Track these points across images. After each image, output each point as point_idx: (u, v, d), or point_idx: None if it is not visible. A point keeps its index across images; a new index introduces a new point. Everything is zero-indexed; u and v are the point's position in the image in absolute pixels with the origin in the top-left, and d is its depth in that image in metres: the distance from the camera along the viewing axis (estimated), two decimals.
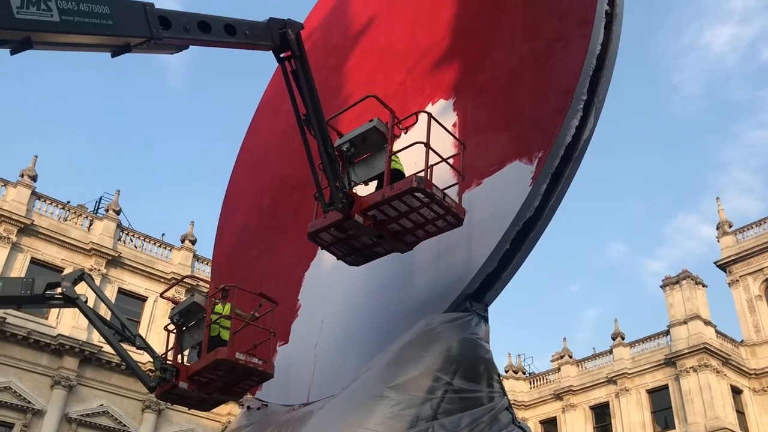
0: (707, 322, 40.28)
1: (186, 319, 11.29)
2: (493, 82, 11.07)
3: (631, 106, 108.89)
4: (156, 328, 31.77)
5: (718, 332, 40.91)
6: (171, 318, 11.45)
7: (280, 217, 14.69)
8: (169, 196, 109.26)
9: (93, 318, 11.02)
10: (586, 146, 9.90)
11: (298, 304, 13.27)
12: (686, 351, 39.07)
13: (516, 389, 46.40)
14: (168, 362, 10.79)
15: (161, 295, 16.07)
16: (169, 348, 11.35)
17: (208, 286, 11.17)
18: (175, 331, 11.41)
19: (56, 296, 10.94)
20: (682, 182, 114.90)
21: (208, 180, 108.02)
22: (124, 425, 31.49)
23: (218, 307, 11.00)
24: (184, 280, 29.60)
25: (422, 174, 8.58)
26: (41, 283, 10.83)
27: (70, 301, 10.92)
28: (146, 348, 11.04)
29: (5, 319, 29.22)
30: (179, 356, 11.18)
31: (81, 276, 11.27)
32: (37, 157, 33.59)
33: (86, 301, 11.12)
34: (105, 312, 16.56)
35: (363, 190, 9.41)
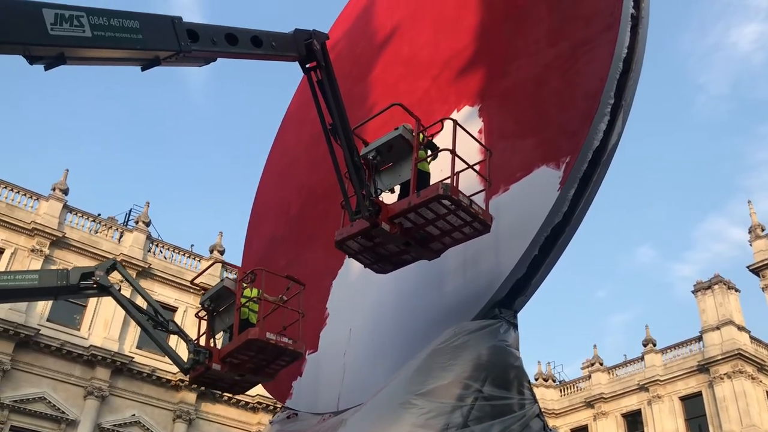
0: (741, 328, 39.59)
1: (216, 304, 11.54)
2: (518, 87, 11.05)
3: (656, 107, 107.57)
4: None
5: (752, 338, 40.17)
6: (202, 303, 11.72)
7: (307, 227, 14.77)
8: (197, 207, 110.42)
9: (126, 305, 11.33)
10: (614, 150, 9.84)
11: (326, 313, 13.32)
12: (720, 357, 38.42)
13: (546, 397, 45.94)
14: (201, 346, 11.02)
15: (192, 282, 16.01)
16: (201, 333, 11.56)
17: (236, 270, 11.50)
18: (206, 317, 11.64)
19: (91, 286, 11.21)
20: (711, 184, 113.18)
21: (236, 190, 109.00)
22: None
23: (247, 292, 11.18)
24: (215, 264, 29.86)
25: (449, 181, 8.58)
26: (76, 273, 11.13)
27: (104, 289, 11.24)
28: (179, 332, 11.34)
29: (39, 330, 29.71)
30: (212, 341, 11.40)
31: (113, 265, 11.58)
32: (68, 171, 34.18)
33: (119, 290, 11.39)
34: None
35: (389, 198, 9.44)
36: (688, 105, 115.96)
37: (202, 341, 11.35)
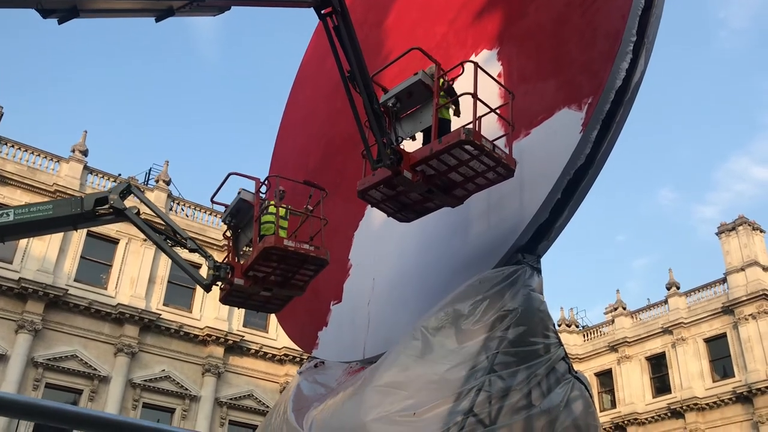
0: (766, 268, 39.36)
1: (237, 219, 11.29)
2: (537, 28, 10.78)
3: (675, 44, 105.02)
4: (211, 293, 32.38)
5: None
6: (223, 221, 11.47)
7: (327, 178, 14.70)
8: (215, 163, 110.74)
9: (143, 226, 11.05)
10: (636, 89, 9.59)
11: (349, 264, 13.37)
12: (744, 298, 38.33)
13: (570, 342, 46.23)
14: (220, 262, 10.80)
15: (212, 200, 15.92)
16: (229, 251, 11.37)
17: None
18: (230, 234, 11.43)
19: (108, 211, 11.06)
20: (732, 122, 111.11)
21: (253, 145, 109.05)
22: (186, 389, 32.51)
23: (272, 208, 10.80)
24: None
25: (470, 126, 8.45)
26: (90, 199, 10.93)
27: (120, 213, 11.04)
28: (198, 249, 11.16)
29: (67, 290, 30.27)
30: (236, 257, 11.21)
31: (128, 188, 11.33)
32: (86, 132, 34.33)
33: (137, 213, 11.20)
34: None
35: (410, 146, 9.33)
36: (708, 41, 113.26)
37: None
